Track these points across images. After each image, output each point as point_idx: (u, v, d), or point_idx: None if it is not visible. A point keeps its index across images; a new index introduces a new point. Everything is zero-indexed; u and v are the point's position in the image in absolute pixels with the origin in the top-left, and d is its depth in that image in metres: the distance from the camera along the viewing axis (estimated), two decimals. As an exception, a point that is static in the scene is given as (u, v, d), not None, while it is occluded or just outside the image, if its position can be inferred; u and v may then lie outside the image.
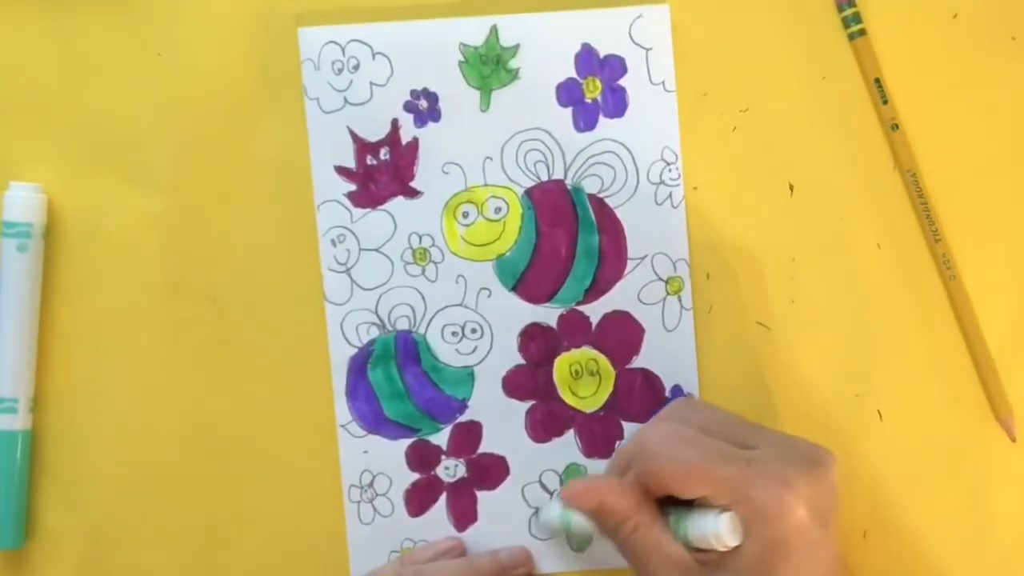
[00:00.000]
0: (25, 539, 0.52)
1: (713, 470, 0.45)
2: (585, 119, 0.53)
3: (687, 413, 0.49)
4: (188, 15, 0.53)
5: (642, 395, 0.53)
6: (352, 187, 0.53)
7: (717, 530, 0.44)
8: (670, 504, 0.47)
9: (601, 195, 0.53)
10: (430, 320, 0.53)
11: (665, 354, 0.53)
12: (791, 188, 0.53)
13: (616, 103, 0.53)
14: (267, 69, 0.53)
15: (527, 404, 0.53)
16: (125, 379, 0.53)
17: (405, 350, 0.53)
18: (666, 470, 0.46)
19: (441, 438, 0.53)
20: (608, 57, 0.53)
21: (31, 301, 0.52)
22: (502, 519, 0.53)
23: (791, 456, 0.46)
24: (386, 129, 0.53)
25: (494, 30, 0.52)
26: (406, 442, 0.53)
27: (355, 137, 0.53)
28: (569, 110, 0.53)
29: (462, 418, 0.53)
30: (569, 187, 0.53)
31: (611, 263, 0.53)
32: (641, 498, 0.47)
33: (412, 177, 0.53)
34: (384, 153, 0.53)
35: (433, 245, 0.53)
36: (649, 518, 0.47)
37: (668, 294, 0.53)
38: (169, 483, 0.53)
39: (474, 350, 0.53)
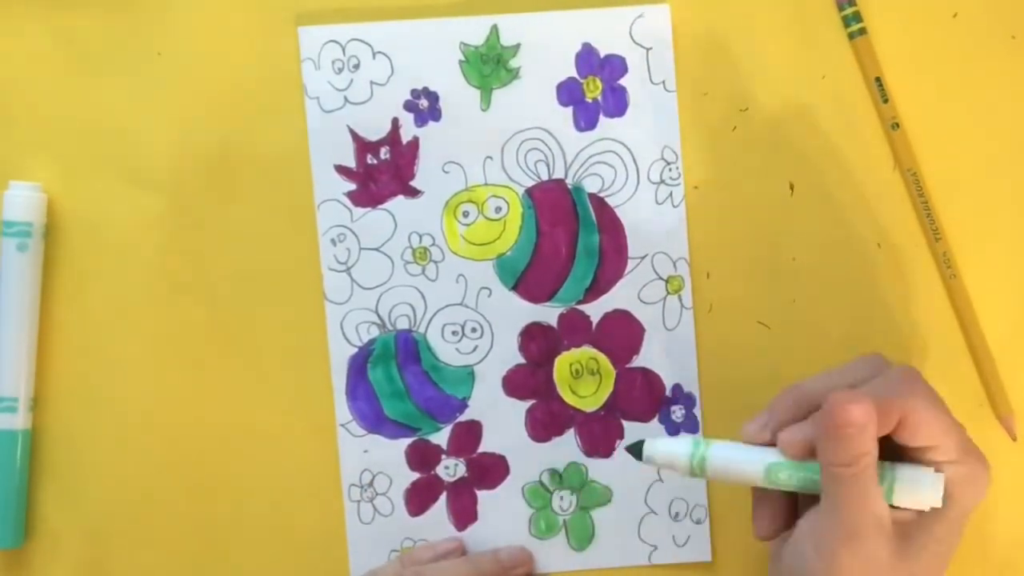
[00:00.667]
0: (25, 538, 0.52)
1: (955, 424, 0.45)
2: (585, 118, 0.53)
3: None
4: (188, 14, 0.53)
5: (642, 394, 0.53)
6: (352, 186, 0.53)
7: (935, 486, 0.43)
8: None
9: (601, 194, 0.53)
10: (430, 319, 0.53)
11: (665, 353, 0.53)
12: (791, 187, 0.53)
13: (616, 103, 0.53)
14: (267, 68, 0.53)
15: (527, 403, 0.53)
16: (125, 378, 0.53)
17: (405, 349, 0.53)
18: (921, 407, 0.44)
19: (441, 437, 0.53)
20: (609, 57, 0.53)
21: (31, 300, 0.52)
22: (502, 518, 0.53)
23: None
24: (386, 128, 0.53)
25: (495, 29, 0.52)
26: (406, 441, 0.53)
27: (355, 136, 0.53)
28: (570, 109, 0.53)
29: (462, 417, 0.53)
30: (569, 186, 0.53)
31: (611, 262, 0.53)
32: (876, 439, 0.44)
33: (412, 176, 0.53)
34: (384, 152, 0.53)
35: (433, 244, 0.53)
36: (873, 462, 0.44)
37: (668, 293, 0.53)
38: (169, 482, 0.53)
39: (474, 349, 0.53)
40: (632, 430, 0.53)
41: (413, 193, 0.53)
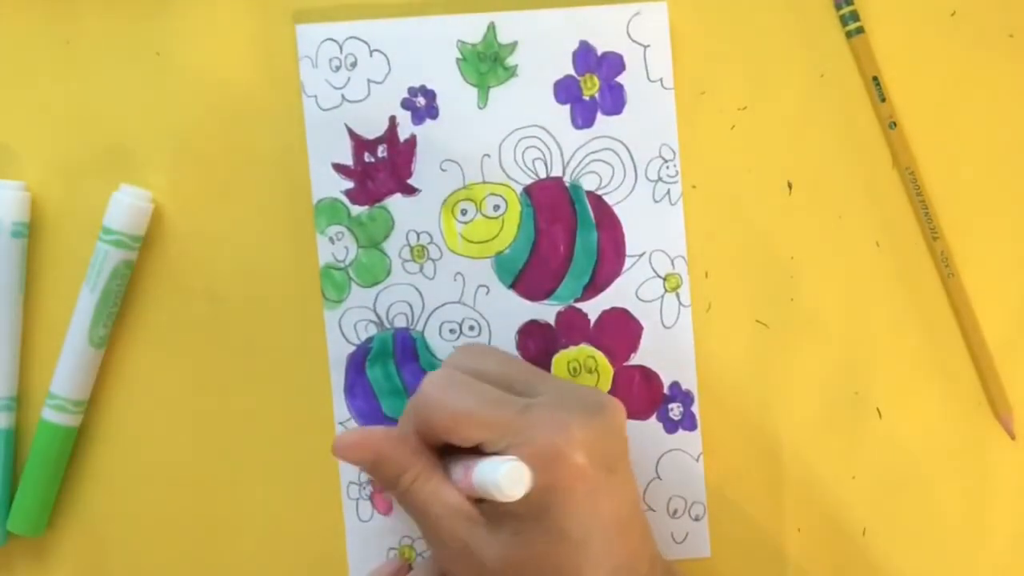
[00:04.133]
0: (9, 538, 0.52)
1: (485, 414, 0.44)
2: (583, 116, 0.53)
3: (468, 360, 0.48)
4: (186, 13, 0.53)
5: (640, 392, 0.53)
6: (350, 184, 0.53)
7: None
8: (454, 453, 0.45)
9: (599, 192, 0.53)
10: (428, 318, 0.53)
11: (663, 351, 0.53)
12: (789, 186, 0.53)
13: (614, 100, 0.53)
14: (265, 66, 0.53)
15: (525, 402, 0.53)
16: (122, 378, 0.53)
17: (403, 348, 0.53)
18: (436, 416, 0.45)
19: (439, 436, 0.53)
20: (606, 54, 0.53)
21: (13, 301, 0.52)
22: (500, 517, 0.53)
23: (570, 402, 0.45)
24: (384, 126, 0.53)
25: (492, 27, 0.52)
26: (404, 440, 0.53)
27: (353, 134, 0.53)
28: (567, 107, 0.53)
29: (460, 416, 0.53)
30: (567, 184, 0.53)
31: (609, 260, 0.53)
32: (420, 448, 0.46)
33: (410, 175, 0.53)
34: (382, 151, 0.53)
35: (431, 243, 0.53)
36: (428, 468, 0.45)
37: (666, 291, 0.53)
38: (167, 481, 0.53)
39: (472, 348, 0.53)
40: (630, 428, 0.53)
41: (411, 191, 0.53)
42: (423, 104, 0.53)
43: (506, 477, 0.41)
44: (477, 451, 0.44)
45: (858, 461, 0.53)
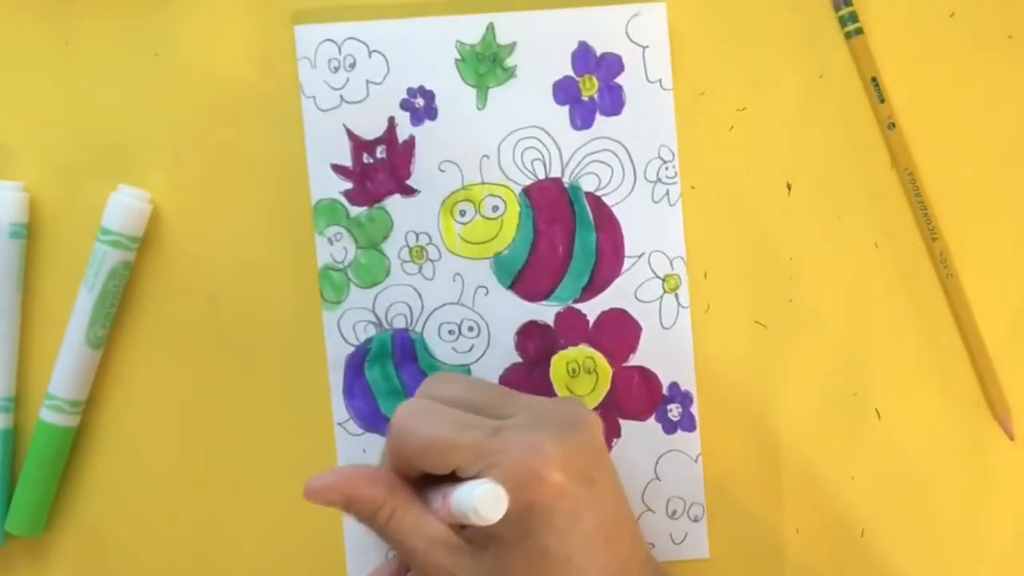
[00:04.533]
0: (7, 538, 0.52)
1: (456, 439, 0.44)
2: (582, 117, 0.53)
3: (438, 388, 0.48)
4: (186, 13, 0.53)
5: (639, 393, 0.53)
6: (349, 185, 0.53)
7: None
8: (434, 484, 0.45)
9: (598, 193, 0.53)
10: (427, 319, 0.53)
11: (662, 352, 0.53)
12: (788, 187, 0.53)
13: (613, 101, 0.53)
14: (264, 67, 0.53)
15: (524, 403, 0.53)
16: (120, 379, 0.53)
17: (402, 348, 0.53)
18: (408, 444, 0.44)
19: (438, 437, 0.53)
20: (605, 55, 0.53)
21: (11, 301, 0.52)
22: (499, 518, 0.53)
23: (543, 421, 0.45)
24: (382, 127, 0.53)
25: (491, 28, 0.52)
26: (403, 441, 0.53)
27: (351, 135, 0.53)
28: (566, 108, 0.53)
29: (459, 417, 0.53)
30: (566, 185, 0.53)
31: (608, 261, 0.53)
32: (394, 482, 0.46)
33: (409, 175, 0.53)
34: (380, 151, 0.53)
35: (430, 243, 0.53)
36: (405, 502, 0.45)
37: (665, 292, 0.53)
38: (166, 482, 0.53)
39: (471, 348, 0.53)
40: (629, 429, 0.53)
41: (409, 192, 0.53)
42: (422, 105, 0.53)
43: (481, 500, 0.40)
44: (454, 478, 0.44)
45: (857, 462, 0.53)
